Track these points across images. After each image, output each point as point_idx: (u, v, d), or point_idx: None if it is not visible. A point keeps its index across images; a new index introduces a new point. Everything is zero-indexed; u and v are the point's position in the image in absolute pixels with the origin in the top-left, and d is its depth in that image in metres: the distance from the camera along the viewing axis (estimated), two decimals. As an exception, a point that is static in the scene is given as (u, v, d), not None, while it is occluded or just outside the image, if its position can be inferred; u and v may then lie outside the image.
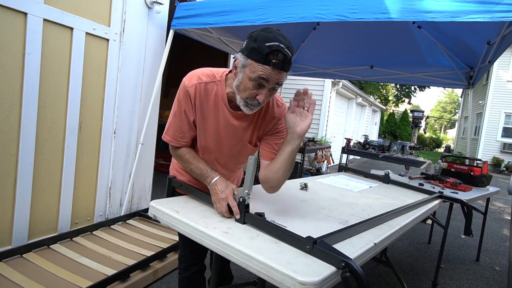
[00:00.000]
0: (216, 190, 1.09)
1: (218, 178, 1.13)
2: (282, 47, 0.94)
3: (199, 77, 1.13)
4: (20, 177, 2.06)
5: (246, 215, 1.02)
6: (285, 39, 0.96)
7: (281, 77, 0.99)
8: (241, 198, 1.03)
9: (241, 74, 1.02)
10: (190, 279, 1.37)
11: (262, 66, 0.96)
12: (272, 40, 0.94)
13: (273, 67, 0.95)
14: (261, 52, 0.94)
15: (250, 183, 1.01)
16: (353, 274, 0.75)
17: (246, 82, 1.00)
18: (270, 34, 0.96)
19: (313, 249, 0.84)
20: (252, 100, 1.03)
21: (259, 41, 0.95)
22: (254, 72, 0.97)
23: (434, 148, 26.87)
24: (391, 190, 2.00)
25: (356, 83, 11.80)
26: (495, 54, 2.63)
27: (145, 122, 2.82)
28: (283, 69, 0.98)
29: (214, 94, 1.13)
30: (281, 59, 0.95)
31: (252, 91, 1.01)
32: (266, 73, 0.96)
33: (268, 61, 0.95)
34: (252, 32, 1.01)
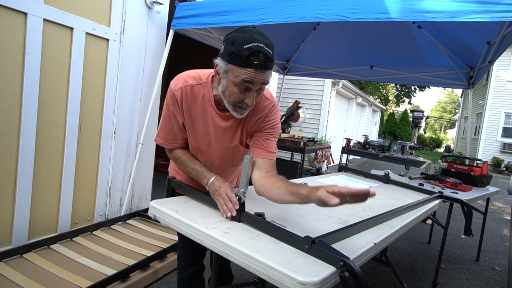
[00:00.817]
0: (214, 188, 1.11)
1: (214, 178, 1.14)
2: (261, 46, 0.91)
3: (185, 80, 1.11)
4: (20, 177, 2.06)
5: (242, 213, 1.03)
6: (263, 37, 0.93)
7: (265, 77, 0.97)
8: (237, 197, 1.04)
9: (225, 80, 0.99)
10: (189, 279, 1.37)
11: (244, 70, 0.93)
12: (250, 41, 0.90)
13: (255, 68, 0.92)
14: (241, 56, 0.91)
15: (246, 182, 1.02)
16: (351, 274, 0.75)
17: (231, 88, 0.98)
18: (246, 34, 0.92)
19: (312, 249, 0.84)
20: (241, 103, 1.01)
21: (237, 44, 0.91)
22: (238, 77, 0.94)
23: (434, 148, 26.87)
24: (391, 190, 2.00)
25: (356, 83, 11.81)
26: (495, 54, 2.63)
27: (145, 122, 2.82)
28: (267, 68, 0.95)
29: (201, 96, 1.12)
30: (263, 59, 0.92)
31: (239, 95, 0.99)
32: (250, 76, 0.94)
33: (250, 63, 0.91)
34: (227, 34, 0.97)
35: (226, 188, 1.08)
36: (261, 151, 1.16)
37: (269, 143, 1.18)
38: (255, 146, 1.18)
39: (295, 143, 4.40)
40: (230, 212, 1.03)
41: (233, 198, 1.04)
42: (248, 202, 1.26)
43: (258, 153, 1.16)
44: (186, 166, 1.22)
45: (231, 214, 1.03)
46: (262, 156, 1.15)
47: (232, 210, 1.03)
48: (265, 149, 1.16)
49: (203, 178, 1.16)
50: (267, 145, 1.17)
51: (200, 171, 1.18)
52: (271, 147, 1.19)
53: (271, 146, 1.18)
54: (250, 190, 1.48)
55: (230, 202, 1.04)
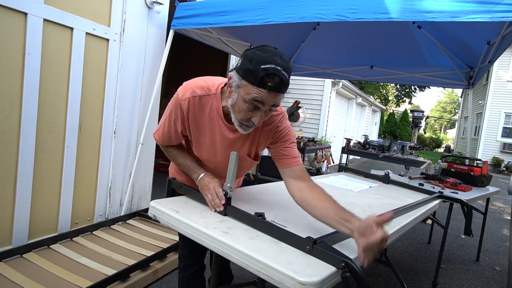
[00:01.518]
0: (203, 183, 1.14)
1: (204, 174, 1.17)
2: (278, 69, 0.89)
3: (193, 90, 1.09)
4: (20, 177, 2.06)
5: (228, 207, 1.08)
6: (282, 60, 0.91)
7: (277, 99, 0.95)
8: (223, 192, 1.09)
9: (236, 95, 0.97)
10: (189, 279, 1.37)
11: (257, 89, 0.91)
12: (268, 62, 0.89)
13: (269, 90, 0.91)
14: (256, 75, 0.89)
15: (232, 177, 1.07)
16: (353, 274, 0.75)
17: (241, 104, 0.96)
18: (266, 54, 0.90)
19: (313, 249, 0.84)
20: (247, 121, 1.00)
21: (254, 62, 0.90)
22: (249, 95, 0.93)
23: (434, 148, 26.86)
24: (391, 190, 2.00)
25: (356, 83, 11.81)
26: (495, 54, 2.63)
27: (145, 122, 2.82)
28: (280, 92, 0.93)
29: (209, 107, 1.10)
30: (278, 82, 0.90)
31: (247, 113, 0.97)
32: (261, 96, 0.92)
33: (264, 84, 0.90)
34: (247, 50, 0.96)
35: (215, 184, 1.12)
36: (285, 161, 1.15)
37: (290, 150, 1.16)
38: (278, 158, 1.17)
39: (295, 143, 4.40)
40: (217, 207, 1.09)
41: (220, 193, 1.09)
42: (248, 202, 1.27)
43: (283, 164, 1.15)
44: (177, 160, 1.25)
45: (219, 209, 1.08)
46: (288, 165, 1.14)
47: (219, 206, 1.08)
48: (288, 157, 1.15)
49: (193, 173, 1.19)
50: (289, 152, 1.16)
51: (191, 166, 1.20)
52: (294, 153, 1.17)
53: (293, 152, 1.16)
54: (250, 190, 1.48)
55: (217, 197, 1.09)
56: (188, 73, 5.72)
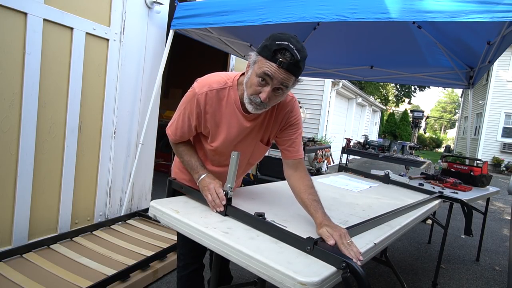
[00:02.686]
0: (204, 183, 1.16)
1: (206, 175, 1.18)
2: (291, 47, 0.94)
3: (210, 84, 1.12)
4: (20, 177, 2.06)
5: (229, 208, 1.08)
6: (297, 42, 0.96)
7: (286, 78, 0.98)
8: (224, 192, 1.10)
9: (251, 70, 1.03)
10: (188, 278, 1.37)
11: (268, 63, 0.96)
12: (283, 39, 0.95)
13: (278, 65, 0.95)
14: (270, 49, 0.96)
15: (232, 178, 1.07)
16: (354, 275, 0.75)
17: (253, 78, 1.02)
18: (283, 35, 0.97)
19: (314, 250, 0.84)
20: (255, 97, 1.03)
21: (271, 39, 0.97)
22: (260, 68, 0.98)
23: (434, 148, 26.86)
24: (391, 190, 2.00)
25: (356, 83, 11.81)
26: (495, 54, 2.63)
27: (145, 122, 2.82)
28: (289, 70, 0.97)
29: (226, 99, 1.14)
30: (288, 58, 0.95)
31: (257, 88, 1.01)
32: (271, 70, 0.96)
33: (275, 58, 0.95)
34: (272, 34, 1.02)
35: (215, 185, 1.13)
36: (288, 153, 1.22)
37: (296, 142, 1.23)
38: (284, 147, 1.24)
39: (295, 143, 4.40)
40: (218, 207, 1.10)
41: (220, 193, 1.10)
42: (248, 202, 1.27)
43: (287, 156, 1.23)
44: (182, 157, 1.26)
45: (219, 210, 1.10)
46: (291, 157, 1.22)
47: (219, 206, 1.10)
48: (293, 150, 1.22)
49: (195, 173, 1.21)
50: (294, 144, 1.23)
51: (195, 165, 1.22)
52: (299, 147, 1.24)
53: (297, 144, 1.23)
54: (250, 190, 1.48)
55: (218, 198, 1.10)
56: (188, 73, 5.74)
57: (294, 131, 1.23)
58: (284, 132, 1.23)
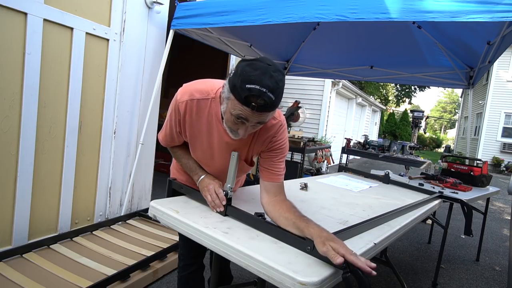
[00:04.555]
0: (204, 184, 1.16)
1: (205, 176, 1.19)
2: (263, 92, 0.85)
3: (191, 93, 1.08)
4: (20, 177, 2.06)
5: (229, 208, 1.09)
6: (270, 80, 0.86)
7: (262, 118, 0.94)
8: (224, 192, 1.10)
9: (225, 105, 0.96)
10: (188, 278, 1.37)
11: (241, 106, 0.90)
12: (254, 82, 0.85)
13: (252, 109, 0.88)
14: (240, 93, 0.87)
15: (232, 178, 1.08)
16: (354, 275, 0.75)
17: (228, 115, 0.96)
18: (255, 72, 0.86)
19: (314, 250, 0.84)
20: (235, 132, 1.00)
21: (241, 79, 0.87)
22: (234, 110, 0.92)
23: (434, 148, 26.85)
24: (391, 190, 2.00)
25: (356, 83, 11.80)
26: (495, 54, 2.63)
27: (145, 122, 2.82)
28: (264, 111, 0.91)
29: (207, 111, 1.09)
30: (262, 104, 0.87)
31: (234, 125, 0.97)
32: (245, 114, 0.91)
33: (248, 103, 0.88)
34: (242, 61, 0.93)
35: (215, 185, 1.13)
36: (268, 174, 1.14)
37: (277, 164, 1.15)
38: (263, 168, 1.16)
39: (295, 143, 4.40)
40: (218, 207, 1.10)
41: (220, 194, 1.10)
42: (248, 202, 1.27)
43: (266, 176, 1.15)
44: (180, 160, 1.28)
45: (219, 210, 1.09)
46: (270, 179, 1.14)
47: (219, 206, 1.09)
48: (272, 171, 1.14)
49: (195, 174, 1.22)
50: (275, 167, 1.15)
51: (193, 167, 1.23)
52: (279, 168, 1.16)
53: (279, 167, 1.16)
54: (250, 190, 1.48)
55: (218, 198, 1.10)
56: (188, 73, 5.75)
57: (276, 154, 1.15)
58: (265, 154, 1.17)
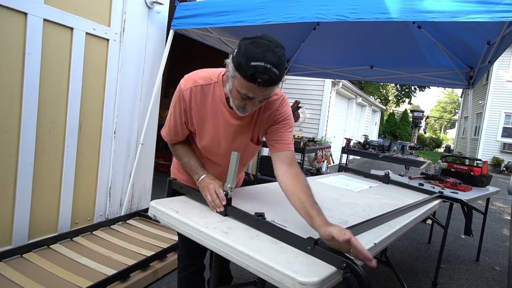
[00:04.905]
0: (204, 184, 1.15)
1: (205, 175, 1.18)
2: (267, 68, 0.90)
3: (195, 80, 1.13)
4: (20, 177, 2.06)
5: (228, 208, 1.08)
6: (273, 55, 0.91)
7: (268, 93, 0.99)
8: (224, 192, 1.09)
9: (231, 83, 1.01)
10: (189, 279, 1.37)
11: (247, 84, 0.94)
12: (258, 59, 0.89)
13: (258, 85, 0.93)
14: (246, 70, 0.92)
15: (232, 178, 1.07)
16: (354, 275, 0.75)
17: (235, 93, 1.00)
18: (258, 50, 0.90)
19: (314, 250, 0.84)
20: (241, 108, 1.05)
21: (246, 57, 0.91)
22: (241, 88, 0.97)
23: (434, 148, 26.85)
24: (391, 190, 2.00)
25: (356, 83, 11.80)
26: (495, 54, 2.63)
27: (145, 122, 2.82)
28: (270, 85, 0.96)
29: (211, 95, 1.13)
30: (267, 78, 0.92)
31: (241, 102, 1.02)
32: (253, 91, 0.96)
33: (254, 79, 0.92)
34: (244, 39, 0.97)
35: (215, 185, 1.12)
36: (278, 145, 1.18)
37: (285, 135, 1.19)
38: (272, 142, 1.19)
39: (295, 143, 4.39)
40: (218, 207, 1.09)
41: (220, 194, 1.09)
42: (248, 202, 1.27)
43: (276, 148, 1.18)
44: (181, 158, 1.27)
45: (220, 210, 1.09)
46: (280, 149, 1.17)
47: (219, 206, 1.08)
48: (281, 142, 1.18)
49: (195, 174, 1.20)
50: (283, 137, 1.18)
51: (194, 166, 1.22)
52: (287, 138, 1.19)
53: (287, 137, 1.19)
54: (250, 190, 1.48)
55: (218, 198, 1.09)
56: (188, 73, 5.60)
57: (282, 126, 1.19)
58: (271, 128, 1.21)
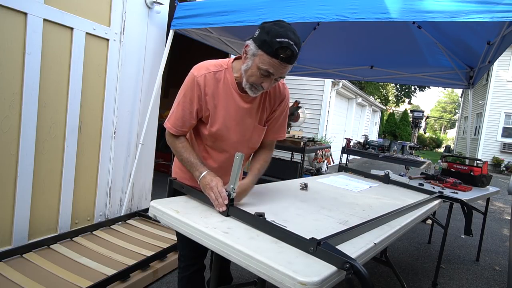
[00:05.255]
0: (206, 182, 1.14)
1: (206, 172, 1.18)
2: (291, 44, 1.01)
3: (207, 67, 1.19)
4: (20, 177, 2.06)
5: (231, 208, 1.07)
6: (294, 35, 1.03)
7: (286, 70, 1.08)
8: (226, 192, 1.08)
9: (251, 61, 1.08)
10: (189, 279, 1.37)
11: (270, 59, 1.03)
12: (283, 36, 1.00)
13: (280, 61, 1.03)
14: (271, 46, 1.01)
15: (235, 179, 1.07)
16: (357, 276, 0.74)
17: (255, 70, 1.08)
18: (281, 29, 1.02)
19: (317, 250, 0.83)
20: (258, 85, 1.12)
21: (271, 35, 1.01)
22: (263, 64, 1.05)
23: (434, 148, 26.84)
24: (391, 190, 2.00)
25: (356, 83, 11.81)
26: (495, 54, 2.63)
27: (145, 122, 2.82)
28: (289, 63, 1.06)
29: (223, 81, 1.20)
30: (289, 54, 1.02)
31: (259, 79, 1.10)
32: (273, 66, 1.05)
33: (277, 55, 1.02)
34: (265, 22, 1.07)
35: (217, 182, 1.12)
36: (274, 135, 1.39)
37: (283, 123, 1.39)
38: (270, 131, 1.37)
39: (295, 143, 4.40)
40: (220, 207, 1.09)
41: (223, 193, 1.09)
42: (248, 202, 1.27)
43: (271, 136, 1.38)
44: (181, 154, 1.25)
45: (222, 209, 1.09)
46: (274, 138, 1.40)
47: (222, 205, 1.08)
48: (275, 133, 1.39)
49: (195, 170, 1.19)
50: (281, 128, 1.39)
51: (194, 163, 1.21)
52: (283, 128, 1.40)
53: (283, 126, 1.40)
54: (251, 190, 1.48)
55: (220, 197, 1.09)
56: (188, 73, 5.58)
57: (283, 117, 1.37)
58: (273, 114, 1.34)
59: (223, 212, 1.08)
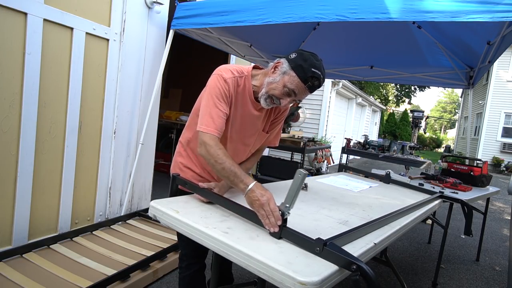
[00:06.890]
0: (255, 197, 1.01)
1: (254, 184, 1.04)
2: (321, 77, 1.15)
3: (231, 71, 1.24)
4: (20, 177, 2.06)
5: (283, 230, 0.94)
6: (324, 70, 1.16)
7: (305, 96, 1.21)
8: (280, 212, 0.95)
9: (279, 77, 1.17)
10: (191, 278, 1.37)
11: (300, 82, 1.14)
12: (317, 68, 1.13)
13: (307, 87, 1.15)
14: (305, 72, 1.12)
15: (293, 198, 0.93)
16: (364, 277, 0.74)
17: (280, 86, 1.17)
18: (317, 62, 1.14)
19: (323, 251, 0.83)
20: (277, 99, 1.20)
21: (308, 63, 1.13)
22: (291, 83, 1.15)
23: (434, 148, 26.85)
24: (391, 190, 2.00)
25: (356, 83, 11.81)
26: (495, 54, 2.63)
27: (145, 122, 2.82)
28: (311, 91, 1.18)
29: (242, 87, 1.26)
30: (316, 85, 1.16)
31: (281, 95, 1.18)
32: (300, 90, 1.16)
33: (306, 81, 1.14)
34: (303, 51, 1.18)
35: (269, 199, 0.99)
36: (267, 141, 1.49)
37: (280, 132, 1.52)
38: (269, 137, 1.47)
39: (295, 143, 4.40)
40: (272, 227, 0.95)
41: (275, 212, 0.96)
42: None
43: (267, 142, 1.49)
44: (223, 162, 1.10)
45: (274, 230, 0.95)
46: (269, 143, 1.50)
47: (274, 226, 0.95)
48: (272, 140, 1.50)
49: (239, 182, 1.07)
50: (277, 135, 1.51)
51: (239, 173, 1.08)
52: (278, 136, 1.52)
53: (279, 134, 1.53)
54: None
55: (272, 216, 0.96)
56: (188, 73, 5.71)
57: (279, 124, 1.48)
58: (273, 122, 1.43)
59: (275, 233, 0.95)
